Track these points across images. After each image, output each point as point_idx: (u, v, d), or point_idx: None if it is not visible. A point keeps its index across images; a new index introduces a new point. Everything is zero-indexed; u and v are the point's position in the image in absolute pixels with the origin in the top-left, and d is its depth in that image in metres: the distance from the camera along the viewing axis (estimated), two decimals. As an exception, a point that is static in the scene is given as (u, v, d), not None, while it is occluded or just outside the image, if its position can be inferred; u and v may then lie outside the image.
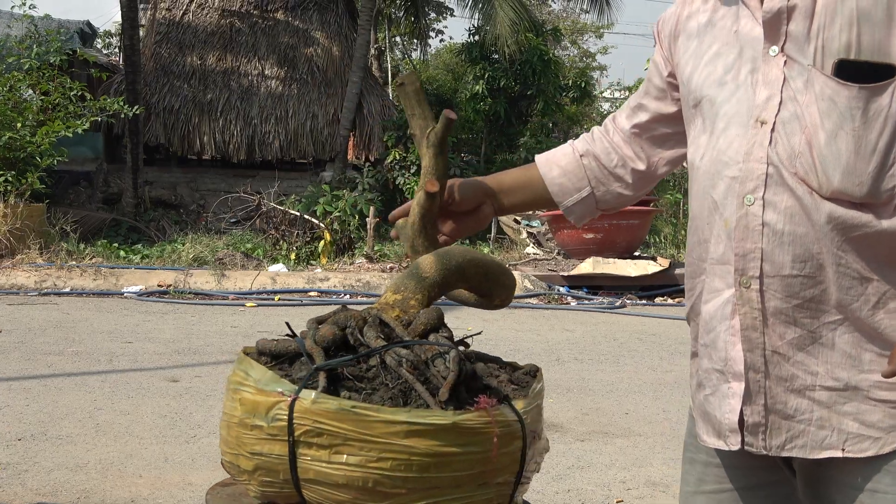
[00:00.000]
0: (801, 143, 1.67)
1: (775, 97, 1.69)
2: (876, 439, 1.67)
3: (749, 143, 1.71)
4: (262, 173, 18.94)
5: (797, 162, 1.67)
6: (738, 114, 1.74)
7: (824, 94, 1.66)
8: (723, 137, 1.76)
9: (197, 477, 4.70)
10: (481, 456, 1.52)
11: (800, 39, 1.69)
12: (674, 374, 7.38)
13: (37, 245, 12.39)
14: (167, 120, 18.73)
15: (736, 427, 1.75)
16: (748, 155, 1.71)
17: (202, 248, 13.29)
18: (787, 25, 1.70)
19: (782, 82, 1.69)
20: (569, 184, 2.09)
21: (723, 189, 1.74)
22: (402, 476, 1.49)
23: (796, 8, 1.69)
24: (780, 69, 1.70)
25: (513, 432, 1.56)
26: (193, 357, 7.56)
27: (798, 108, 1.68)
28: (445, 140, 1.88)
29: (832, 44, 1.66)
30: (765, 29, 1.72)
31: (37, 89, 14.45)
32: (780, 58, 1.70)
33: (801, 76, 1.68)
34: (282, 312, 10.20)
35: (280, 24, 20.63)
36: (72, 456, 4.98)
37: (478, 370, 1.66)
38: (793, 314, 1.68)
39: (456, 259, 1.75)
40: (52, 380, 6.63)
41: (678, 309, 11.14)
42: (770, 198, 1.67)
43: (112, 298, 10.89)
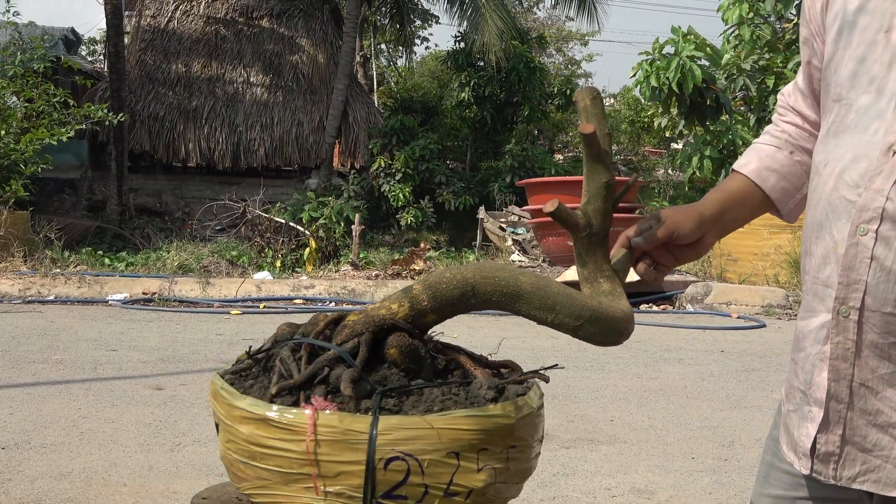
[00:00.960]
0: None
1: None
2: None
3: (875, 171, 1.59)
4: (248, 180, 18.91)
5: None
6: (872, 134, 1.62)
7: None
8: (850, 154, 1.65)
9: (181, 485, 4.68)
10: (298, 456, 1.52)
11: None
12: (659, 380, 7.39)
13: (21, 253, 12.34)
14: (152, 127, 18.70)
15: (808, 452, 1.70)
16: (871, 182, 1.60)
17: (187, 256, 13.27)
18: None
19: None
20: (790, 186, 1.96)
21: (839, 210, 1.65)
22: (244, 461, 1.58)
23: None
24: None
25: (350, 443, 1.51)
26: (178, 365, 7.54)
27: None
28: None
29: None
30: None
31: (21, 96, 14.40)
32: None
33: None
34: (267, 320, 10.18)
35: (265, 31, 20.63)
36: (56, 464, 4.95)
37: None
38: (888, 350, 1.60)
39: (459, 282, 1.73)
40: (36, 388, 6.60)
41: (663, 316, 11.16)
42: (884, 232, 1.58)
43: (96, 306, 10.85)
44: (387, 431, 1.48)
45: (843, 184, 1.64)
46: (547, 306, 1.70)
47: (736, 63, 12.68)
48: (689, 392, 7.05)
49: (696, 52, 11.89)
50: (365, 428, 1.49)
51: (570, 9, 20.77)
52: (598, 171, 1.72)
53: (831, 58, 1.72)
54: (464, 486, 1.51)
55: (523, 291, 1.69)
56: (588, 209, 1.74)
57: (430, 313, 1.68)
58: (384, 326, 1.64)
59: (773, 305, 11.23)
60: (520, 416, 1.58)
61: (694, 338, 9.43)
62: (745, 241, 12.39)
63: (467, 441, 1.50)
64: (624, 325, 1.74)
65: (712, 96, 12.19)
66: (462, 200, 18.22)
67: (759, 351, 8.79)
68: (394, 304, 1.70)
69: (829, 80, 1.73)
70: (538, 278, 1.73)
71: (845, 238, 1.62)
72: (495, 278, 1.69)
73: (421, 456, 1.48)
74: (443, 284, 1.68)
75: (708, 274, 13.02)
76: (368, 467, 1.48)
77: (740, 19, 13.13)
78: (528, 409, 1.61)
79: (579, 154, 25.45)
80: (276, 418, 1.54)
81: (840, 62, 1.69)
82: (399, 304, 1.70)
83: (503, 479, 1.58)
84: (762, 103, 12.91)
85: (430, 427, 1.48)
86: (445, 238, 18.58)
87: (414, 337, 1.65)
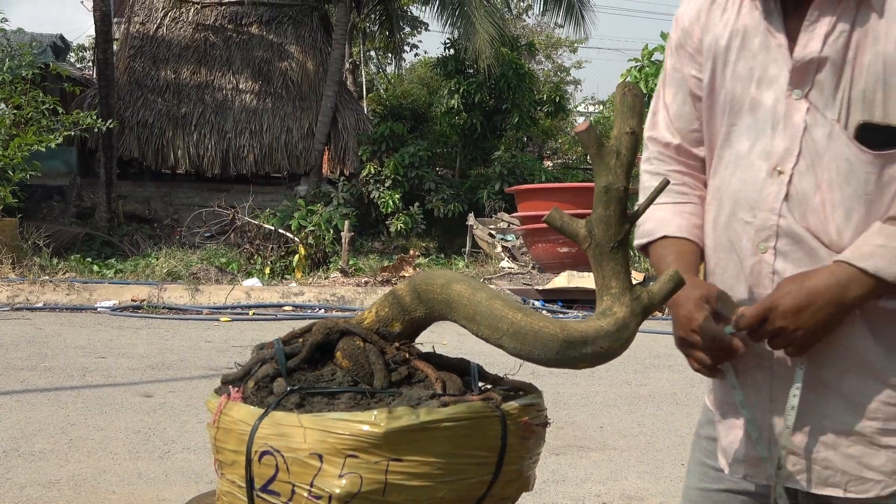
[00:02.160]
0: (816, 199, 1.70)
1: (794, 147, 1.72)
2: (878, 482, 1.72)
3: (765, 192, 1.74)
4: (237, 187, 18.89)
5: (809, 217, 1.71)
6: (757, 155, 1.76)
7: (843, 154, 1.68)
8: (738, 175, 1.79)
9: (170, 493, 4.67)
10: (212, 442, 1.59)
11: (826, 90, 1.70)
12: (648, 387, 7.40)
13: (9, 260, 12.30)
14: (141, 134, 18.67)
15: (741, 458, 1.81)
16: (763, 203, 1.74)
17: (176, 263, 13.24)
18: (816, 74, 1.71)
19: (803, 131, 1.71)
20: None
21: (738, 230, 1.78)
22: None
23: (828, 59, 1.69)
24: (803, 116, 1.72)
25: (238, 433, 1.53)
26: (167, 372, 7.52)
27: (816, 163, 1.70)
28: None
29: (857, 102, 1.67)
30: (792, 73, 1.73)
31: (9, 103, 14.35)
32: (804, 104, 1.72)
33: (822, 127, 1.70)
34: (256, 327, 10.17)
35: (254, 38, 20.61)
36: (44, 472, 4.94)
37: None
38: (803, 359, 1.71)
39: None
40: (25, 395, 6.57)
41: (653, 322, 11.16)
42: (782, 248, 1.71)
43: (85, 313, 10.82)
44: (267, 426, 1.48)
45: (739, 207, 1.79)
46: (469, 316, 1.59)
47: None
48: (679, 399, 7.06)
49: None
50: (250, 419, 1.50)
51: (558, 16, 20.80)
52: (599, 172, 1.59)
53: (712, 82, 1.85)
54: (324, 490, 1.46)
55: (452, 300, 1.60)
56: (591, 216, 1.61)
57: (394, 322, 1.67)
58: (336, 331, 1.64)
59: (761, 312, 11.25)
60: (391, 427, 1.44)
61: (683, 344, 9.43)
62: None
63: (331, 444, 1.45)
64: (561, 345, 1.57)
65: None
66: (451, 207, 18.21)
67: (748, 357, 8.80)
68: (366, 311, 1.71)
69: (712, 104, 1.86)
70: (469, 286, 1.61)
71: (749, 256, 1.76)
72: (433, 285, 1.62)
73: (287, 453, 1.47)
74: (399, 292, 1.67)
75: (697, 280, 13.02)
76: (247, 458, 1.49)
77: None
78: (408, 420, 1.46)
79: (568, 161, 25.52)
80: (209, 405, 1.61)
81: (721, 87, 1.83)
82: (369, 311, 1.71)
83: (378, 495, 1.46)
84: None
85: (300, 426, 1.46)
86: (435, 245, 18.57)
87: (373, 343, 1.64)
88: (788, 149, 1.72)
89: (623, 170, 1.58)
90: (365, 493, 1.45)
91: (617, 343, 1.60)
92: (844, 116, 1.68)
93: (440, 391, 1.56)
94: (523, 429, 1.58)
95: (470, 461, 1.52)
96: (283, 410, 1.50)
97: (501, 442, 1.54)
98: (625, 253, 1.62)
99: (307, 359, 1.61)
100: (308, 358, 1.61)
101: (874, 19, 1.67)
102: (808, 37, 1.70)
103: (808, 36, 1.70)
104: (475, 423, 1.51)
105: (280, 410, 1.50)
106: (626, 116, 1.58)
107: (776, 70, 1.74)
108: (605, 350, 1.59)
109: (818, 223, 1.70)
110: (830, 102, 1.69)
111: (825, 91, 1.70)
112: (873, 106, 1.67)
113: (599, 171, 1.59)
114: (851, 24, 1.68)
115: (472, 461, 1.52)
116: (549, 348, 1.56)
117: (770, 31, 1.75)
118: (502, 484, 1.57)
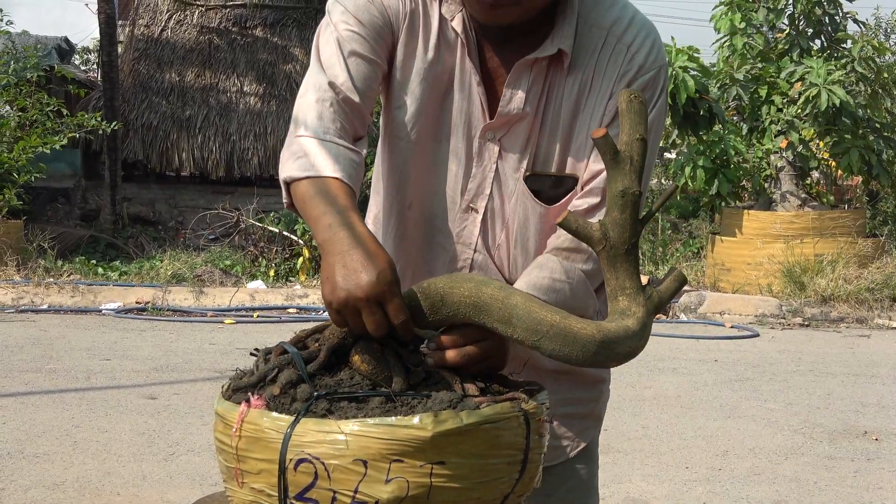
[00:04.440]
0: (502, 236, 1.92)
1: (485, 188, 1.90)
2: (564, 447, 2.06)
3: (460, 226, 1.92)
4: (241, 190, 18.89)
5: (496, 252, 1.93)
6: (451, 188, 1.92)
7: (521, 199, 1.89)
8: (435, 202, 1.93)
9: (175, 495, 4.68)
10: (233, 451, 1.56)
11: (519, 139, 1.88)
12: (653, 390, 7.40)
13: (14, 262, 12.31)
14: (145, 136, 18.68)
15: None
16: (458, 237, 1.93)
17: (180, 265, 13.24)
18: (513, 125, 1.87)
19: (494, 173, 1.89)
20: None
21: (436, 252, 1.95)
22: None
23: (527, 115, 1.86)
24: (494, 160, 1.89)
25: (267, 441, 1.51)
26: (172, 374, 7.53)
27: (503, 205, 1.91)
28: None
29: (539, 153, 1.88)
30: (494, 119, 1.87)
31: (14, 105, 14.38)
32: (496, 147, 1.89)
33: (513, 172, 1.89)
34: (261, 329, 10.17)
35: (259, 40, 20.63)
36: (49, 474, 4.95)
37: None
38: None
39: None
40: (29, 397, 6.59)
41: (657, 325, 11.16)
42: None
43: (90, 315, 10.83)
44: (300, 434, 1.47)
45: (435, 230, 1.94)
46: (504, 319, 1.60)
47: (728, 73, 12.71)
48: (683, 401, 7.06)
49: (690, 62, 11.92)
50: (280, 427, 1.49)
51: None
52: (614, 177, 1.61)
53: (408, 105, 1.91)
54: (369, 495, 1.45)
55: (483, 303, 1.61)
56: (606, 220, 1.62)
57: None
58: (351, 334, 1.63)
59: (766, 315, 11.25)
60: (438, 431, 1.45)
61: (688, 347, 9.44)
62: (738, 250, 12.41)
63: (376, 450, 1.44)
64: (598, 346, 1.59)
65: (705, 106, 12.21)
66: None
67: (752, 360, 8.81)
68: None
69: (401, 121, 1.93)
70: (501, 289, 1.62)
71: (438, 272, 1.90)
72: (461, 288, 1.62)
73: (327, 460, 1.46)
74: (416, 294, 1.65)
75: (701, 283, 13.04)
76: (280, 467, 1.48)
77: (733, 29, 13.17)
78: (452, 424, 1.46)
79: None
80: (222, 413, 1.58)
81: (410, 103, 1.91)
82: None
83: (423, 499, 1.47)
84: (754, 113, 12.93)
85: (340, 432, 1.46)
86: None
87: (389, 346, 1.63)
88: (480, 188, 1.89)
89: (637, 175, 1.61)
90: (411, 496, 1.46)
91: (642, 342, 1.65)
92: (529, 165, 1.88)
93: (462, 393, 1.57)
94: (540, 426, 1.60)
95: (502, 461, 1.55)
96: (315, 417, 1.49)
97: (526, 440, 1.57)
98: (636, 255, 1.65)
99: (326, 363, 1.60)
100: (326, 362, 1.61)
101: (562, 80, 1.87)
102: (512, 93, 1.85)
103: (512, 93, 1.85)
104: (505, 424, 1.54)
105: (310, 417, 1.49)
106: (635, 123, 1.60)
107: (475, 109, 1.88)
108: (632, 349, 1.64)
109: (502, 259, 1.92)
110: (522, 152, 1.87)
111: (519, 141, 1.87)
112: (551, 159, 1.87)
113: (615, 175, 1.61)
114: (544, 83, 1.86)
115: (503, 461, 1.55)
116: (587, 349, 1.59)
117: (473, 69, 1.87)
118: (525, 481, 1.60)
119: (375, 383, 1.58)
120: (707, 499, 4.94)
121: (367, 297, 1.54)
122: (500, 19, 1.80)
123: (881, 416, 6.78)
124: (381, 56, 1.87)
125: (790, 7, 13.20)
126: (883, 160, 12.56)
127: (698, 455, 5.70)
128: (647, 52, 1.88)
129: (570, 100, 1.87)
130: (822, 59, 12.51)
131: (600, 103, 1.87)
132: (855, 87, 12.40)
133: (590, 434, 2.19)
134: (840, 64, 12.34)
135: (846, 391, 7.54)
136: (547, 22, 1.86)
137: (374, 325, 1.54)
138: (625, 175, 1.61)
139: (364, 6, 1.86)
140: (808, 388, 7.57)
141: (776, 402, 7.07)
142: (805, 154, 12.64)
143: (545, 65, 1.86)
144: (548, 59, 1.86)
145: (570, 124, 1.87)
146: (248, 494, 1.55)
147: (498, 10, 1.78)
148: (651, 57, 1.88)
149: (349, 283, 1.55)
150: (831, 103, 11.76)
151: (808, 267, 11.76)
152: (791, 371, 8.33)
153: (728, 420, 6.53)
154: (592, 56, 1.87)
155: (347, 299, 1.54)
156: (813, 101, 11.92)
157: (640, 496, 4.89)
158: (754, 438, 6.09)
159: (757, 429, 6.32)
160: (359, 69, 1.83)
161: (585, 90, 1.87)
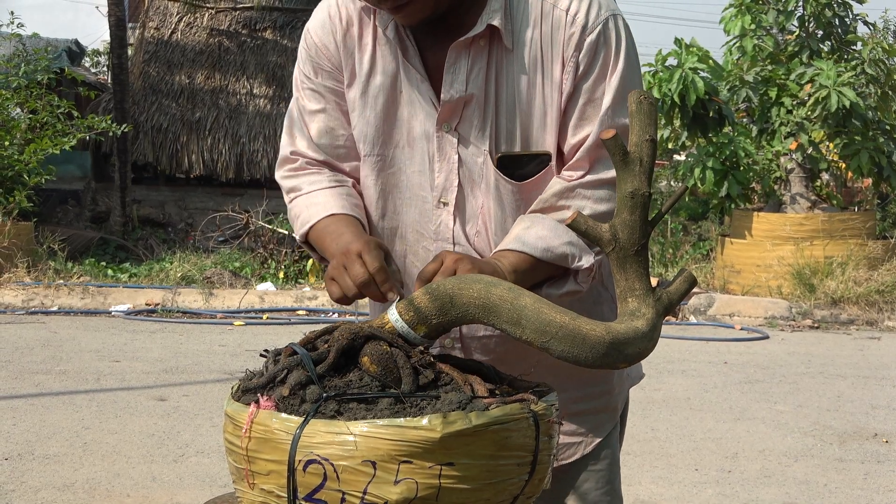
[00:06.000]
0: (479, 223, 1.94)
1: (453, 180, 1.92)
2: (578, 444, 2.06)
3: (435, 223, 1.95)
4: (251, 192, 18.92)
5: (474, 240, 1.95)
6: (421, 188, 1.95)
7: (494, 183, 1.90)
8: (407, 210, 1.99)
9: (185, 496, 4.69)
10: (242, 452, 1.57)
11: (474, 123, 1.88)
12: (662, 392, 7.39)
13: (24, 264, 12.34)
14: (155, 138, 18.72)
15: None
16: (437, 234, 1.96)
17: (190, 267, 13.26)
18: (464, 110, 1.88)
19: (457, 163, 1.91)
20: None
21: (422, 260, 1.98)
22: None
23: (474, 96, 1.87)
24: (455, 149, 1.90)
25: (276, 442, 1.52)
26: (181, 376, 7.54)
27: (473, 193, 1.92)
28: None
29: (502, 135, 1.88)
30: (440, 111, 1.89)
31: (25, 108, 14.41)
32: (454, 137, 1.90)
33: (476, 157, 1.90)
34: (270, 331, 10.19)
35: (268, 43, 20.66)
36: (59, 475, 4.96)
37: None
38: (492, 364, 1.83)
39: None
40: (40, 399, 6.60)
41: (666, 327, 11.13)
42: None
43: (100, 317, 10.86)
44: (310, 435, 1.48)
45: (418, 235, 1.99)
46: (514, 320, 1.60)
47: (738, 74, 12.69)
48: (693, 403, 7.05)
49: (699, 63, 11.90)
50: (290, 429, 1.49)
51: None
52: (624, 179, 1.61)
53: (363, 117, 1.98)
54: (378, 496, 1.46)
55: (492, 304, 1.61)
56: (615, 221, 1.63)
57: (418, 325, 1.67)
58: (361, 335, 1.63)
59: (776, 317, 11.23)
60: (447, 432, 1.45)
61: (697, 349, 9.43)
62: (747, 252, 12.38)
63: (385, 451, 1.45)
64: (607, 347, 1.59)
65: (715, 108, 12.19)
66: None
67: (762, 362, 8.79)
68: (385, 315, 1.70)
69: (356, 134, 2.00)
70: (511, 290, 1.62)
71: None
72: (470, 289, 1.63)
73: (337, 461, 1.46)
74: (424, 296, 1.66)
75: (711, 285, 13.02)
76: (290, 468, 1.49)
77: (742, 31, 13.14)
78: (462, 425, 1.47)
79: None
80: (231, 414, 1.59)
81: (360, 121, 1.98)
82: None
83: (432, 500, 1.48)
84: (764, 115, 12.90)
85: (349, 433, 1.46)
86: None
87: (398, 347, 1.63)
88: (448, 181, 1.91)
89: (646, 176, 1.61)
90: (420, 497, 1.47)
91: (652, 343, 1.65)
92: (493, 148, 1.88)
93: (471, 394, 1.57)
94: (549, 427, 1.60)
95: (511, 462, 1.55)
96: (324, 418, 1.50)
97: (535, 441, 1.57)
98: (646, 256, 1.66)
99: (334, 364, 1.61)
100: (335, 363, 1.61)
101: (507, 57, 1.87)
102: (452, 77, 1.86)
103: (452, 77, 1.86)
104: (514, 425, 1.54)
105: (319, 418, 1.50)
106: (644, 124, 1.60)
107: (425, 106, 1.90)
108: (642, 350, 1.64)
109: (482, 246, 1.93)
110: (481, 135, 1.88)
111: (475, 124, 1.88)
112: (513, 138, 1.88)
113: (624, 177, 1.61)
114: (487, 62, 1.86)
115: (513, 462, 1.55)
116: (597, 350, 1.59)
117: (414, 69, 1.90)
118: (535, 482, 1.60)
119: (384, 384, 1.58)
120: (717, 501, 4.93)
121: (348, 252, 1.76)
122: (413, 17, 1.83)
123: (891, 418, 6.76)
124: (339, 95, 2.01)
125: (800, 9, 13.17)
126: (893, 162, 12.51)
127: (708, 457, 5.69)
128: (587, 11, 1.86)
129: (520, 76, 1.87)
130: (832, 61, 12.47)
131: (555, 74, 1.87)
132: (865, 89, 12.36)
133: (605, 428, 2.12)
134: (850, 66, 12.31)
135: (856, 393, 7.52)
136: (478, 3, 1.87)
137: (355, 273, 1.72)
138: (634, 176, 1.61)
139: (309, 58, 2.04)
140: (818, 391, 7.55)
141: (786, 404, 7.05)
142: (815, 156, 12.61)
143: (484, 45, 1.86)
144: (486, 38, 1.86)
145: (528, 100, 1.87)
146: (258, 495, 1.56)
147: (404, 10, 1.81)
148: (592, 14, 1.86)
149: (340, 249, 1.81)
150: (841, 105, 11.72)
151: (817, 269, 11.73)
152: (801, 373, 8.31)
153: (738, 422, 6.52)
154: (535, 28, 1.87)
155: (337, 260, 1.77)
156: (823, 102, 11.88)
157: (650, 498, 4.88)
158: (764, 440, 6.07)
159: (767, 431, 6.30)
160: (318, 125, 2.01)
161: (537, 64, 1.87)
